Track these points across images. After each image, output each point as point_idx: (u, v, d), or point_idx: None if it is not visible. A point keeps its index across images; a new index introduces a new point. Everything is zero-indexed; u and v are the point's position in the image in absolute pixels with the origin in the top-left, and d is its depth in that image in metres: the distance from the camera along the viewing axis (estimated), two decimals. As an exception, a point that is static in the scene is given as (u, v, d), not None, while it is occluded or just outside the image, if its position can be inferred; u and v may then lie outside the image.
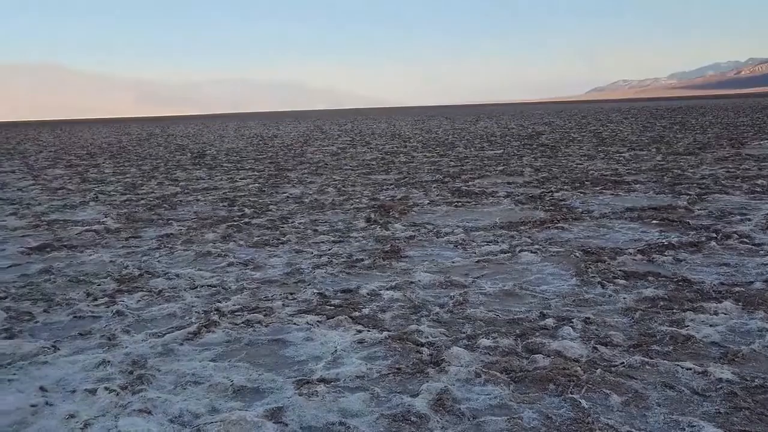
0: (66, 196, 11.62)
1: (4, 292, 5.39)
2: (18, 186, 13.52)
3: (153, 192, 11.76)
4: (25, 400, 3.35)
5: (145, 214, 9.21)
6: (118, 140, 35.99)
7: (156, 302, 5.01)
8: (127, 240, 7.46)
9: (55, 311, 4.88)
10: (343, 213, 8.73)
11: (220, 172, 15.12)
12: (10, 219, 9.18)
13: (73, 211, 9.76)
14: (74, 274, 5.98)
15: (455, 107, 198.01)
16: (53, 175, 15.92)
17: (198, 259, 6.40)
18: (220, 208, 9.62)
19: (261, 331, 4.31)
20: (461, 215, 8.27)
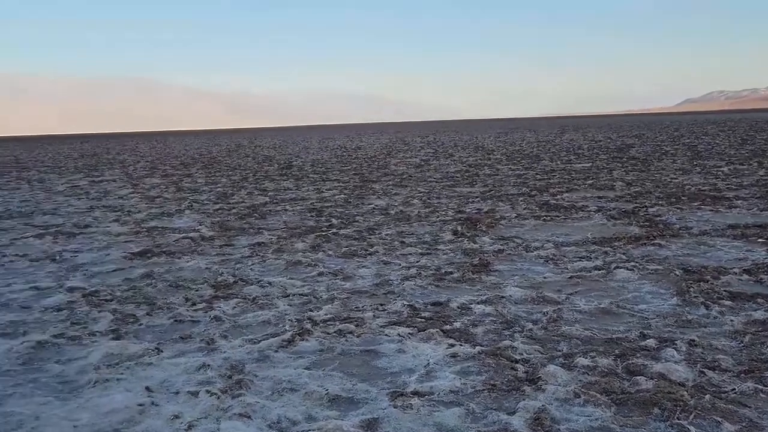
0: (163, 204, 12.16)
1: (111, 295, 5.68)
2: (119, 194, 14.27)
3: (243, 201, 12.14)
4: (133, 399, 3.50)
5: (236, 223, 9.51)
6: (209, 151, 37.42)
7: (250, 309, 5.15)
8: (221, 248, 7.72)
9: (157, 314, 5.10)
10: (430, 225, 8.72)
11: (307, 182, 15.44)
12: (114, 225, 9.69)
13: (170, 219, 10.19)
14: (173, 279, 6.24)
15: (538, 119, 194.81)
16: (150, 184, 16.70)
17: (289, 268, 6.54)
18: (308, 218, 9.82)
19: (353, 341, 4.35)
20: (550, 229, 8.09)
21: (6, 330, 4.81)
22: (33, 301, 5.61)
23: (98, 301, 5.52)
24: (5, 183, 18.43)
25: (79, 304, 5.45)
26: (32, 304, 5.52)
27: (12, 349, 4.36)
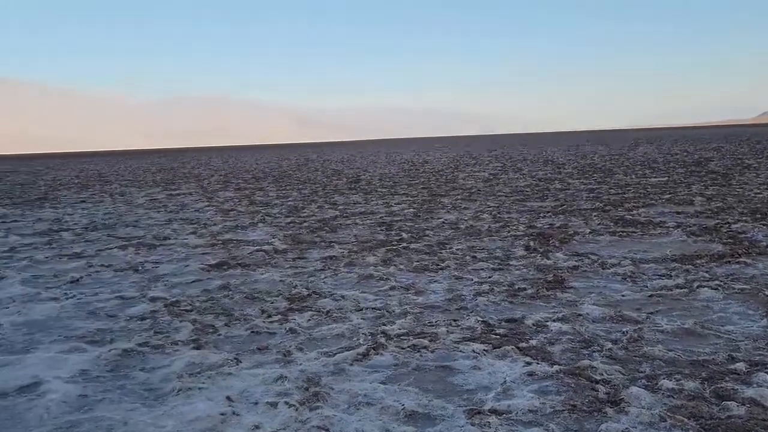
0: (237, 217, 12.49)
1: (190, 306, 5.87)
2: (195, 207, 14.75)
3: (314, 215, 12.33)
4: (215, 409, 3.60)
5: (308, 237, 9.66)
6: (279, 165, 38.25)
7: (325, 322, 5.21)
8: (293, 261, 7.86)
9: (235, 325, 5.23)
10: (501, 240, 8.62)
11: (376, 196, 15.55)
12: (191, 237, 10.02)
13: (244, 232, 10.45)
14: (249, 291, 6.39)
15: (608, 132, 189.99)
16: (224, 197, 17.19)
17: (361, 282, 6.59)
18: (378, 232, 9.88)
19: (427, 356, 4.33)
20: (627, 246, 7.86)
21: (95, 337, 5.04)
22: (118, 310, 5.86)
23: (179, 311, 5.71)
24: (90, 196, 19.35)
25: (161, 313, 5.65)
26: (118, 312, 5.76)
27: (100, 356, 4.56)
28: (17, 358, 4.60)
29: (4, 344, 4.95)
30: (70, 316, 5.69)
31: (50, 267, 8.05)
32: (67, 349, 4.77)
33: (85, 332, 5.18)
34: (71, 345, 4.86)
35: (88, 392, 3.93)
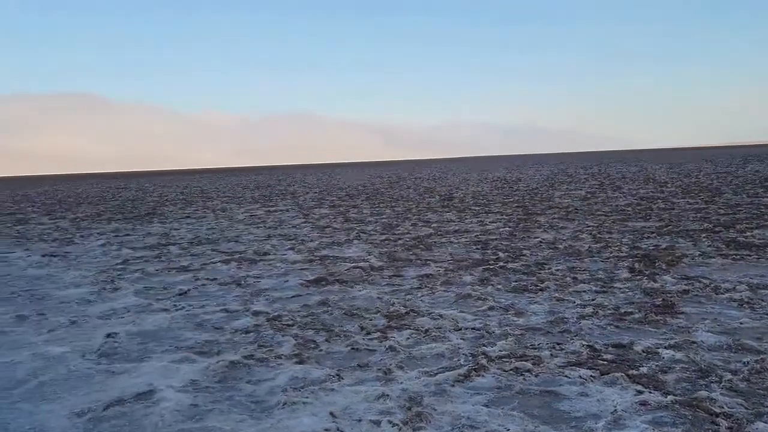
0: (333, 234, 12.72)
1: (292, 321, 6.00)
2: (293, 224, 15.15)
3: (408, 233, 12.36)
4: (319, 424, 3.64)
5: (403, 254, 9.69)
6: (371, 183, 38.74)
7: (424, 341, 5.19)
8: (390, 278, 7.89)
9: (335, 341, 5.29)
10: (603, 261, 8.32)
11: (470, 215, 15.43)
12: (290, 253, 10.28)
13: (341, 248, 10.62)
14: (347, 307, 6.46)
15: (713, 149, 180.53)
16: (320, 214, 17.57)
17: (459, 301, 6.53)
18: (473, 250, 9.78)
19: (531, 380, 4.22)
20: (742, 270, 7.39)
21: (203, 348, 5.24)
22: (224, 322, 6.07)
23: (281, 325, 5.84)
24: (194, 212, 20.27)
25: (264, 327, 5.80)
26: (223, 325, 5.97)
27: (209, 367, 4.73)
28: (133, 366, 4.84)
29: (121, 352, 5.23)
30: (179, 327, 5.94)
31: (160, 279, 8.47)
32: (178, 359, 4.98)
33: (194, 343, 5.40)
34: (182, 355, 5.07)
35: (199, 402, 4.08)
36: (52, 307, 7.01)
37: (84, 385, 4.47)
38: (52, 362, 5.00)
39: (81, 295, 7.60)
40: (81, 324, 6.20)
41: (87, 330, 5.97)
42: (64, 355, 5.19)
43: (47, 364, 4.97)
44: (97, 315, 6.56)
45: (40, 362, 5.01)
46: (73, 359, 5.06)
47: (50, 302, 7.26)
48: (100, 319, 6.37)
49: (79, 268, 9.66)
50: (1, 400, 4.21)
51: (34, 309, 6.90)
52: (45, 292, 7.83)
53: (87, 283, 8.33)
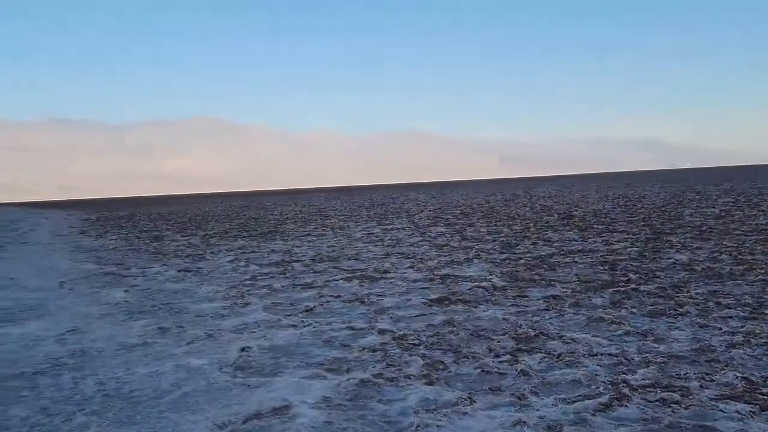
0: (451, 252, 12.62)
1: (418, 340, 5.96)
2: (410, 242, 15.20)
3: (529, 252, 12.05)
4: (456, 448, 3.55)
5: (526, 274, 9.43)
6: (486, 201, 38.31)
7: (557, 366, 4.98)
8: (514, 298, 7.69)
9: (464, 363, 5.19)
10: (748, 285, 7.69)
11: (592, 233, 14.83)
12: (410, 272, 10.29)
13: (460, 267, 10.50)
14: (473, 328, 6.34)
15: None
16: (436, 232, 17.53)
17: (590, 324, 6.24)
18: (600, 271, 9.35)
19: (680, 413, 3.92)
20: None
21: (332, 366, 5.30)
22: (351, 340, 6.13)
23: (407, 344, 5.82)
24: (313, 230, 20.86)
25: (391, 346, 5.80)
26: (350, 342, 6.02)
27: (340, 385, 4.77)
28: (267, 381, 4.97)
29: (255, 366, 5.39)
30: (308, 344, 6.06)
31: (286, 295, 8.72)
32: (310, 375, 5.06)
33: (324, 360, 5.48)
34: (313, 371, 5.15)
35: (333, 419, 4.11)
36: (190, 320, 7.38)
37: (223, 397, 4.64)
38: (192, 374, 5.23)
39: (214, 309, 7.96)
40: (216, 337, 6.47)
41: (222, 343, 6.21)
42: (203, 367, 5.42)
43: (188, 375, 5.20)
44: (231, 329, 6.83)
45: (182, 373, 5.25)
46: (212, 372, 5.27)
47: (187, 315, 7.65)
48: (233, 333, 6.62)
49: (211, 283, 10.15)
50: (150, 409, 4.45)
51: (173, 322, 7.30)
52: (182, 306, 8.26)
53: (219, 298, 8.72)
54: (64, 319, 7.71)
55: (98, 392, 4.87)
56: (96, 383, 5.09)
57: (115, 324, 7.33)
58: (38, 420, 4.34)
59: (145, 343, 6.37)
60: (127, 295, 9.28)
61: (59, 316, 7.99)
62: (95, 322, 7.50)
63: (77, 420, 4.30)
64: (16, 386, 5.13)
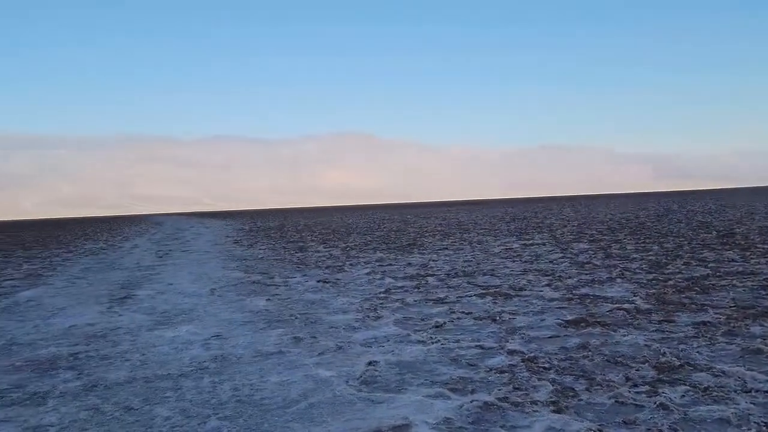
0: (593, 270, 12.03)
1: (549, 364, 5.70)
2: (550, 258, 14.69)
3: (680, 272, 11.19)
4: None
5: (675, 297, 8.75)
6: (636, 216, 36.22)
7: (702, 401, 4.54)
8: (659, 323, 7.15)
9: (597, 391, 4.89)
10: None
11: (756, 254, 13.50)
12: (546, 290, 9.93)
13: (601, 287, 9.97)
14: (610, 353, 5.97)
15: None
16: (578, 249, 16.81)
17: (746, 356, 5.64)
18: (763, 296, 8.46)
19: None
20: None
21: (457, 385, 5.20)
22: (478, 359, 5.99)
23: (537, 368, 5.58)
24: (451, 244, 20.80)
25: (520, 368, 5.59)
26: (478, 362, 5.88)
27: (463, 406, 4.66)
28: (390, 397, 4.97)
29: (380, 381, 5.42)
30: (435, 361, 6.00)
31: (418, 310, 8.72)
32: (433, 394, 5.00)
33: (449, 379, 5.39)
34: (436, 390, 5.08)
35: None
36: (323, 331, 7.58)
37: (347, 411, 4.70)
38: (320, 385, 5.36)
39: (347, 321, 8.13)
40: (346, 350, 6.59)
41: (351, 356, 6.32)
42: (331, 379, 5.53)
43: (316, 386, 5.33)
44: (361, 342, 6.93)
45: (311, 384, 5.40)
46: (338, 384, 5.36)
47: (321, 326, 7.87)
48: (362, 347, 6.71)
49: (347, 294, 10.40)
50: (278, 418, 4.60)
51: (308, 332, 7.54)
52: (317, 317, 8.52)
53: (353, 310, 8.90)
54: (211, 325, 8.23)
55: (233, 398, 5.12)
56: (231, 388, 5.37)
57: (254, 332, 7.71)
58: (178, 421, 4.64)
59: (279, 351, 6.63)
60: (268, 304, 9.73)
61: (207, 321, 8.54)
62: (237, 328, 7.93)
63: (211, 424, 4.54)
64: (163, 387, 5.52)
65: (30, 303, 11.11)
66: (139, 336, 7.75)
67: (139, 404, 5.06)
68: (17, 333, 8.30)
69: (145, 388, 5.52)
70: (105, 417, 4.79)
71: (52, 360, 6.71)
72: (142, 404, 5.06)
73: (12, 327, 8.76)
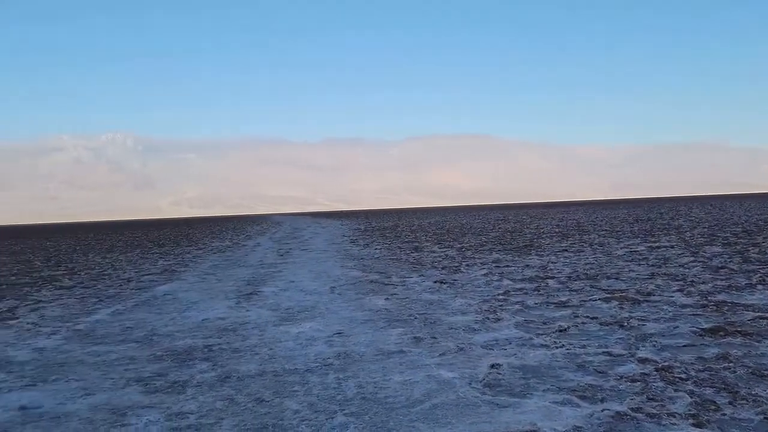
0: (729, 276, 11.23)
1: (685, 374, 5.38)
2: (679, 262, 13.86)
3: (832, 279, 10.20)
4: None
5: (827, 306, 7.99)
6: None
7: None
8: (810, 335, 6.55)
9: (741, 406, 4.55)
10: None
11: None
12: (677, 295, 9.37)
13: (740, 294, 9.28)
14: (755, 366, 5.53)
15: None
16: (711, 252, 15.76)
17: None
18: None
19: None
20: None
21: (585, 393, 5.01)
22: (607, 366, 5.74)
23: (673, 378, 5.28)
24: (570, 245, 20.15)
25: (653, 378, 5.31)
26: (606, 369, 5.64)
27: (593, 415, 4.49)
28: (516, 402, 4.87)
29: (504, 385, 5.33)
30: (560, 366, 5.82)
31: (539, 314, 8.50)
32: (561, 400, 4.85)
33: (576, 386, 5.21)
34: (564, 397, 4.93)
35: (584, 452, 3.86)
36: (442, 332, 7.57)
37: (471, 413, 4.65)
38: (443, 386, 5.34)
39: (467, 322, 8.07)
40: (467, 351, 6.54)
41: (472, 358, 6.26)
42: (453, 380, 5.50)
43: (439, 387, 5.32)
44: (481, 344, 6.85)
45: (433, 385, 5.39)
46: (461, 386, 5.33)
47: (440, 327, 7.85)
48: (483, 349, 6.63)
49: (464, 296, 10.32)
50: (402, 417, 4.63)
51: (427, 332, 7.55)
52: (436, 317, 8.52)
53: (472, 311, 8.82)
54: (332, 322, 8.44)
55: (357, 395, 5.22)
56: (356, 386, 5.46)
57: (375, 330, 7.82)
58: (306, 415, 4.78)
59: (401, 351, 6.68)
60: (387, 303, 9.84)
61: (329, 318, 8.77)
62: (358, 327, 8.08)
63: (338, 419, 4.64)
64: (291, 381, 5.72)
65: (166, 297, 11.89)
66: (266, 331, 8.08)
67: (270, 397, 5.27)
68: (157, 324, 8.91)
69: (275, 381, 5.74)
70: (239, 407, 5.03)
71: (188, 351, 7.13)
72: (273, 397, 5.26)
73: (152, 319, 9.40)
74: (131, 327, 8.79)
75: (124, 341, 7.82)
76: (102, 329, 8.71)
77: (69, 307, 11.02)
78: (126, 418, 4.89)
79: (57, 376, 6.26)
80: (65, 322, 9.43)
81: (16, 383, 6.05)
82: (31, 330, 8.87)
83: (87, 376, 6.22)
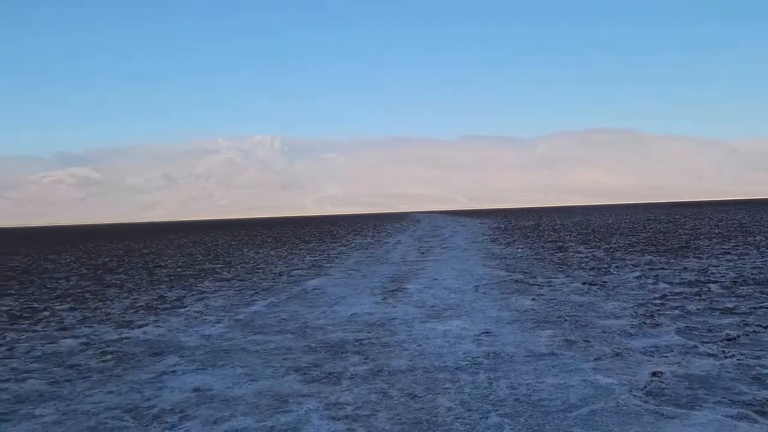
0: None
1: None
2: None
3: None
4: None
5: None
6: None
7: None
8: None
9: None
10: None
11: None
12: None
13: None
14: None
15: None
16: None
17: None
18: None
19: None
20: None
21: (764, 408, 4.60)
22: None
23: None
24: (732, 248, 18.62)
25: None
26: None
27: None
28: (683, 413, 4.58)
29: (668, 394, 5.02)
30: (731, 378, 5.39)
31: (702, 320, 7.93)
32: (735, 414, 4.49)
33: (752, 399, 4.80)
34: (738, 411, 4.56)
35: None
36: (596, 335, 7.27)
37: (634, 422, 4.43)
38: (600, 392, 5.13)
39: (621, 326, 7.70)
40: (625, 357, 6.23)
41: (631, 364, 5.96)
42: (612, 386, 5.27)
43: (596, 393, 5.12)
44: (640, 349, 6.50)
45: (590, 390, 5.19)
46: (621, 393, 5.08)
47: (593, 330, 7.55)
48: (643, 355, 6.29)
49: (617, 299, 9.85)
50: (559, 422, 4.50)
51: (579, 335, 7.29)
52: (587, 320, 8.20)
53: (626, 315, 8.39)
54: (479, 321, 8.38)
55: (510, 396, 5.14)
56: (508, 386, 5.39)
57: (523, 331, 7.67)
58: (460, 413, 4.78)
59: (552, 353, 6.50)
60: (534, 304, 9.62)
61: (474, 317, 8.72)
62: (506, 327, 7.96)
63: (492, 419, 4.60)
64: (441, 378, 5.75)
65: (316, 291, 12.40)
66: (413, 327, 8.19)
67: (422, 393, 5.33)
68: (309, 317, 9.31)
69: (425, 377, 5.80)
70: (392, 401, 5.13)
71: (340, 344, 7.39)
72: (425, 393, 5.32)
73: (304, 312, 9.85)
74: (286, 319, 9.26)
75: (280, 332, 8.25)
76: (260, 320, 9.24)
77: (229, 297, 11.82)
78: (288, 405, 5.15)
79: (224, 361, 6.74)
80: (227, 311, 10.12)
81: (189, 366, 6.58)
82: (198, 318, 9.61)
83: (250, 363, 6.63)
